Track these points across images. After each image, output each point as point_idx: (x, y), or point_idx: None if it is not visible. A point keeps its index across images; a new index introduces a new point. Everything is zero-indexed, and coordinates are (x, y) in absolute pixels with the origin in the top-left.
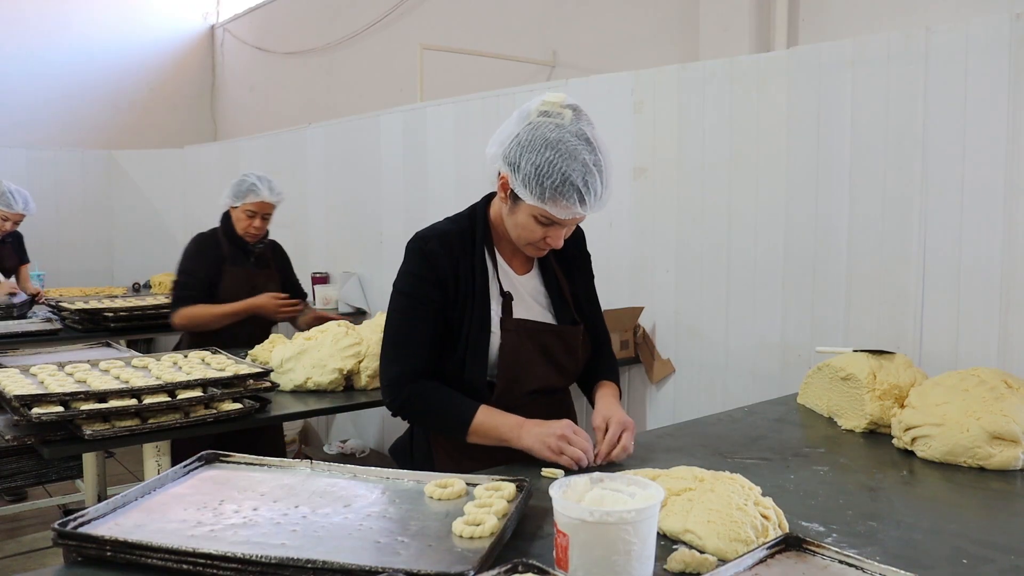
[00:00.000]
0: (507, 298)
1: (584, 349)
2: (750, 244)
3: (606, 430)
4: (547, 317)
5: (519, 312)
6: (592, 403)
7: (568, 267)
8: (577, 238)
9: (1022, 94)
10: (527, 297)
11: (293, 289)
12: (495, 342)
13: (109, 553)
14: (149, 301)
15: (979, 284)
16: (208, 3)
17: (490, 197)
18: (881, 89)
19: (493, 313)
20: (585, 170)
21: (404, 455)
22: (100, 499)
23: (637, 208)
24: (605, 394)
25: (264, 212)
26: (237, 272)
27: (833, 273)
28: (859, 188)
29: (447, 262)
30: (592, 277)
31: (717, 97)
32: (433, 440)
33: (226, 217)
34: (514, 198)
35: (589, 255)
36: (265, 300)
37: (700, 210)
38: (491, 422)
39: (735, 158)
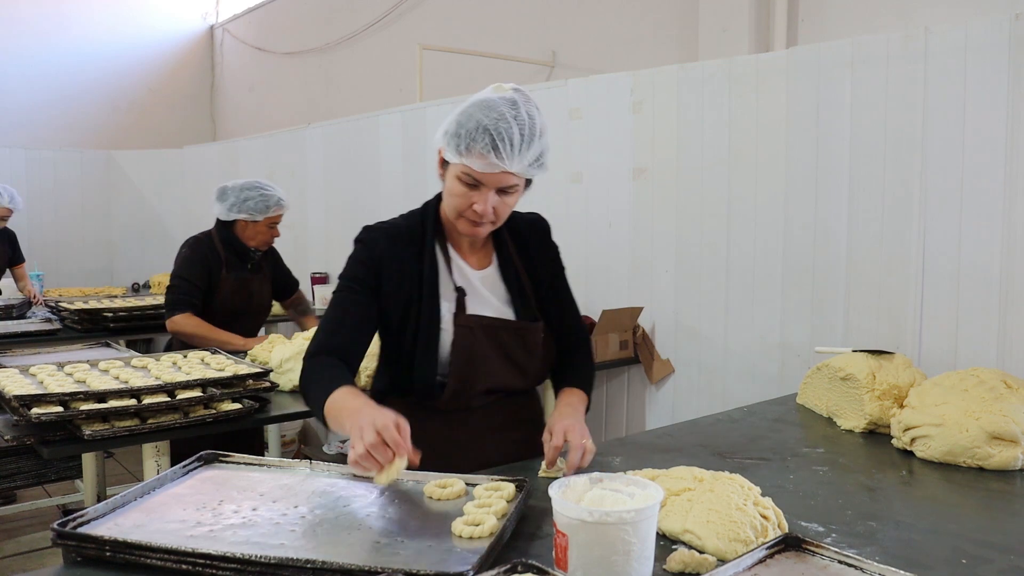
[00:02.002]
0: (460, 293)
1: (548, 348)
2: (749, 244)
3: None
4: (506, 313)
5: (474, 308)
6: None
7: (531, 261)
8: (540, 229)
9: (1022, 94)
10: (484, 292)
11: (285, 283)
12: (447, 339)
13: (108, 553)
14: (148, 301)
15: (978, 284)
16: (207, 3)
17: (442, 194)
18: (880, 89)
19: (445, 310)
20: (500, 119)
21: None
22: (99, 499)
23: (636, 208)
24: (560, 402)
25: (280, 221)
26: (233, 279)
27: (832, 273)
28: (858, 188)
29: (390, 254)
30: (562, 270)
31: (716, 97)
32: None
33: (223, 225)
34: (444, 166)
35: (556, 247)
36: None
37: (699, 210)
38: (339, 404)
39: (734, 158)
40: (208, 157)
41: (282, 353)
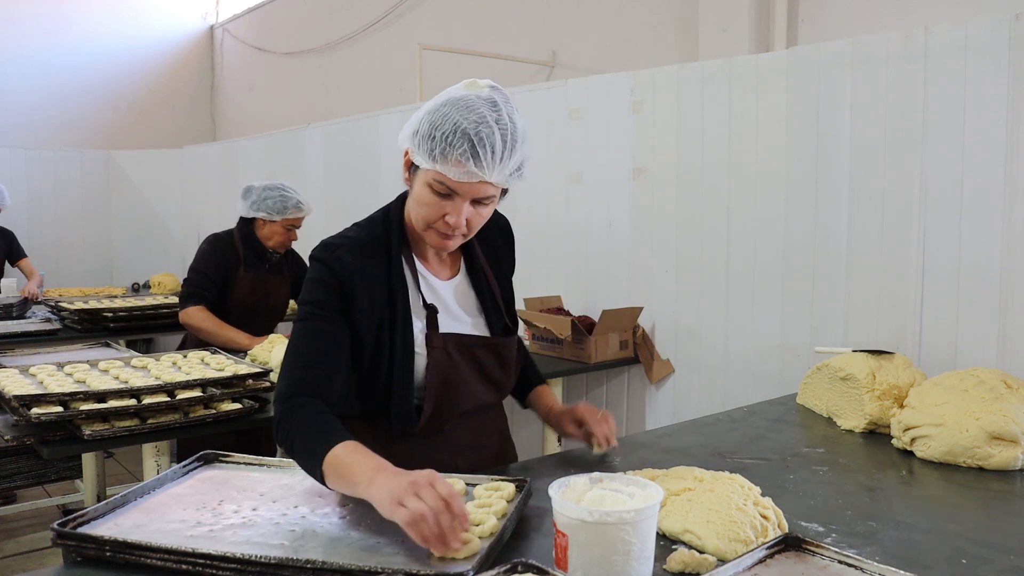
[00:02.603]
0: (431, 311)
1: (518, 359)
2: (749, 244)
3: (580, 424)
4: (479, 326)
5: (446, 325)
6: (531, 406)
7: (499, 264)
8: (504, 229)
9: (1022, 94)
10: (454, 306)
11: None
12: (420, 362)
13: (108, 553)
14: (148, 301)
15: (978, 284)
16: (207, 3)
17: (405, 197)
18: (880, 89)
19: (416, 330)
20: (480, 122)
21: None
22: (99, 499)
23: (636, 208)
24: (549, 399)
25: (299, 225)
26: (250, 277)
27: (832, 273)
28: (858, 188)
29: (357, 275)
30: (513, 269)
31: (716, 97)
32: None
33: (245, 223)
34: (412, 170)
35: (513, 244)
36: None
37: (699, 210)
38: (346, 460)
39: (734, 158)
40: (208, 157)
41: (282, 353)
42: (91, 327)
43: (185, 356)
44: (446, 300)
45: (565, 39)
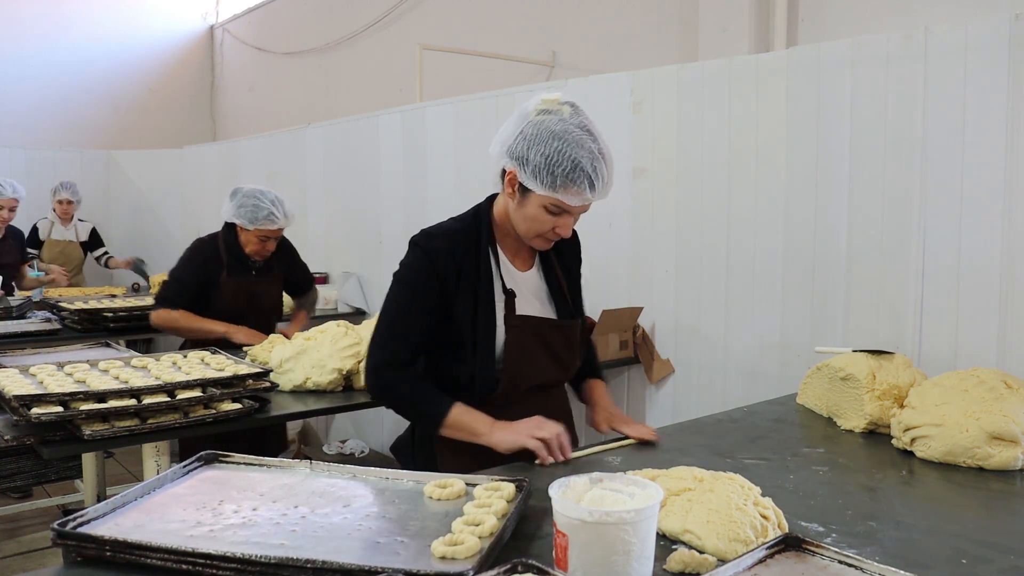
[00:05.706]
0: (510, 295)
1: (582, 343)
2: (749, 244)
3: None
4: (548, 312)
5: (521, 309)
6: (582, 398)
7: (564, 259)
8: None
9: (1022, 94)
10: (528, 294)
11: (302, 282)
12: (499, 339)
13: (108, 553)
14: (148, 301)
15: (978, 284)
16: (207, 3)
17: (493, 198)
18: (880, 89)
19: (497, 310)
20: (592, 157)
21: (406, 453)
22: (99, 499)
23: (636, 208)
24: (595, 394)
25: (276, 236)
26: (234, 283)
27: (832, 273)
28: (858, 188)
29: (450, 260)
30: (580, 263)
31: (716, 97)
32: (437, 439)
33: (228, 228)
34: (523, 191)
35: (579, 244)
36: (241, 336)
37: (699, 210)
38: (465, 418)
39: (734, 158)
40: (208, 157)
41: (282, 353)
42: (91, 327)
43: (185, 356)
44: (522, 288)
45: (565, 39)
